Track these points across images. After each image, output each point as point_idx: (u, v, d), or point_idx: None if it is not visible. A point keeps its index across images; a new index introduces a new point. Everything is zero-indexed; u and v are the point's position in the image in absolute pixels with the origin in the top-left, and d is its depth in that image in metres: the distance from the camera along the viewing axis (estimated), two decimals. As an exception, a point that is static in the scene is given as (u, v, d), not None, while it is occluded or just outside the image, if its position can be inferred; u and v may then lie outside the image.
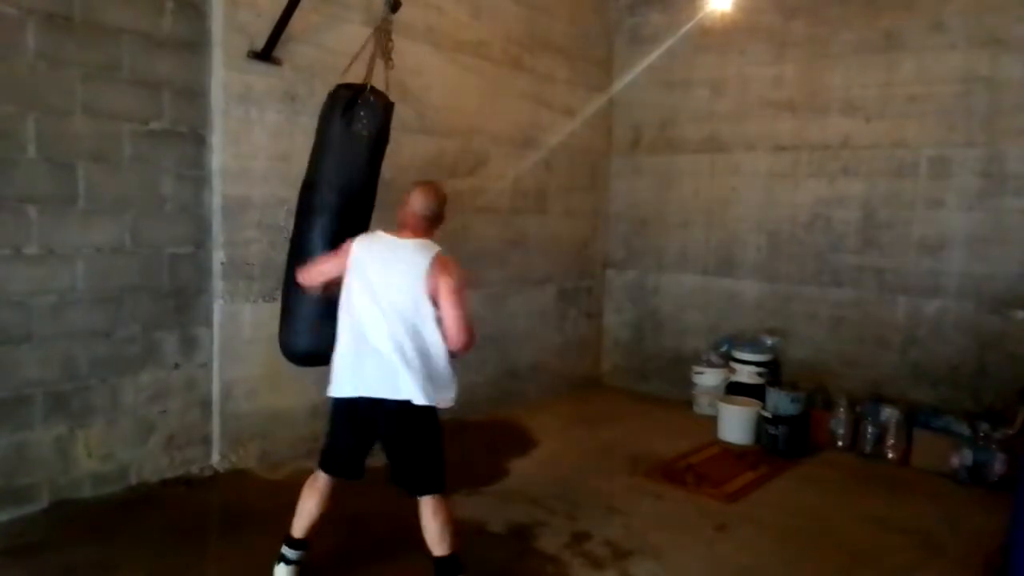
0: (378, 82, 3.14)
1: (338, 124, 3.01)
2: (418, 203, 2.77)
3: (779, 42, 5.38)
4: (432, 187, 2.84)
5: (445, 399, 2.75)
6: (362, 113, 2.94)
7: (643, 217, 6.19)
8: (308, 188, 3.13)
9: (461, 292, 2.71)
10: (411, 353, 2.64)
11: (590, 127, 6.05)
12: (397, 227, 2.79)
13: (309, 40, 4.02)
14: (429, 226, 2.82)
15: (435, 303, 2.67)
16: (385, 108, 3.08)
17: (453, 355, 2.76)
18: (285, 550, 2.87)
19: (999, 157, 4.57)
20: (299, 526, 2.84)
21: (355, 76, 3.18)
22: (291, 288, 3.04)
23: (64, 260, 3.34)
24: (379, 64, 3.14)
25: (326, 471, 2.84)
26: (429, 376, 2.67)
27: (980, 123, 4.63)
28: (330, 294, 2.80)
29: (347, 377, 2.69)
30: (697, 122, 5.83)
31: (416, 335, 2.66)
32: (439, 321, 2.68)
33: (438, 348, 2.70)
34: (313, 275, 2.86)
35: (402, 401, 2.64)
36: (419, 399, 2.63)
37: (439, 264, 2.70)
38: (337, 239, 2.89)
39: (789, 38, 5.34)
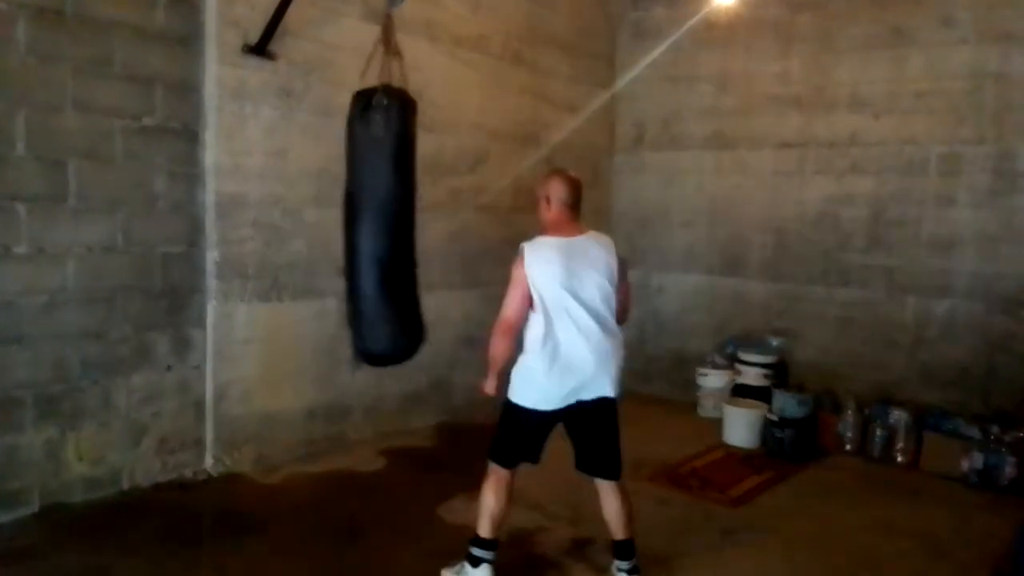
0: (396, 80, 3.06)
1: (357, 129, 2.96)
2: (573, 194, 2.88)
3: (785, 37, 5.30)
4: (568, 175, 2.95)
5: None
6: (377, 116, 2.89)
7: (646, 215, 6.12)
8: (347, 197, 3.04)
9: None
10: (608, 349, 2.78)
11: (592, 123, 5.97)
12: (551, 226, 2.86)
13: (305, 34, 3.96)
14: (579, 214, 2.91)
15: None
16: (402, 107, 2.99)
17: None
18: (482, 552, 2.85)
19: (1010, 154, 4.49)
20: (491, 526, 2.85)
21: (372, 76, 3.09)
22: (355, 292, 2.98)
23: (55, 259, 3.29)
24: (392, 62, 3.06)
25: (511, 467, 2.91)
26: (620, 367, 2.84)
27: (990, 119, 4.54)
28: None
29: (561, 389, 2.76)
30: (702, 118, 5.75)
31: (607, 329, 2.79)
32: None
33: (619, 335, 2.85)
34: (513, 319, 2.81)
35: (604, 397, 2.80)
36: (613, 392, 2.82)
37: (614, 251, 2.87)
38: (382, 240, 2.90)
39: (795, 33, 5.25)
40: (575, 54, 5.76)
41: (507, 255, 5.55)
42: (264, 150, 3.90)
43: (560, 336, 2.74)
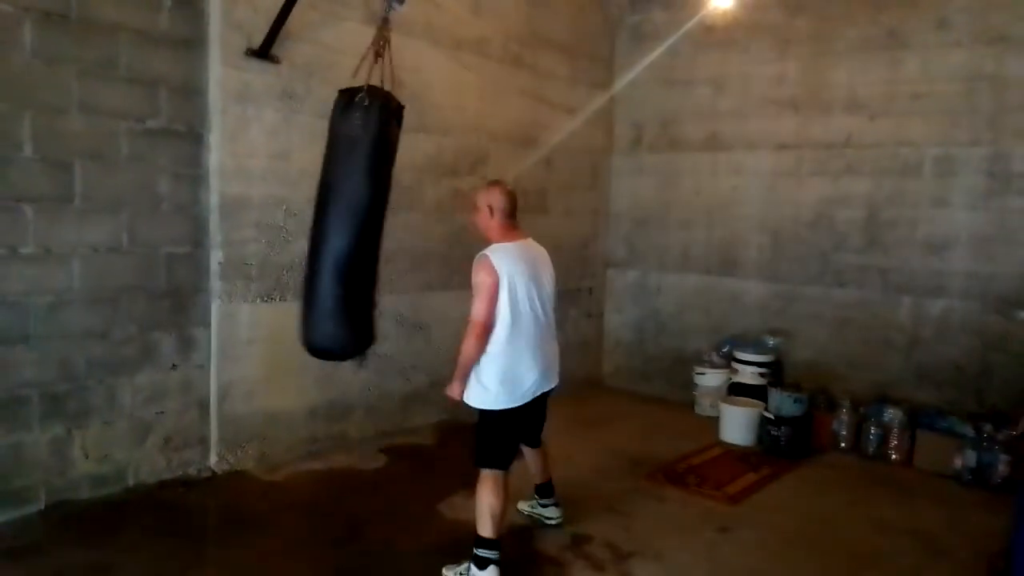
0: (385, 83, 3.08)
1: (337, 127, 2.97)
2: (512, 203, 3.10)
3: (782, 39, 5.34)
4: (507, 186, 3.18)
5: None
6: (357, 114, 2.88)
7: (644, 216, 6.16)
8: (320, 189, 3.07)
9: None
10: (555, 343, 3.23)
11: (591, 125, 6.01)
12: (498, 233, 3.08)
13: (307, 38, 3.99)
14: (517, 222, 3.15)
15: None
16: (383, 108, 2.98)
17: None
18: (488, 552, 2.94)
19: (1004, 156, 4.53)
20: (494, 526, 2.95)
21: (374, 77, 3.11)
22: (312, 285, 2.99)
23: (60, 260, 3.32)
24: (383, 63, 3.07)
25: (506, 468, 3.04)
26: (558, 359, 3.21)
27: (985, 122, 4.58)
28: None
29: (528, 384, 3.03)
30: (699, 120, 5.79)
31: (552, 325, 3.20)
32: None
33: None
34: (487, 323, 2.97)
35: (554, 386, 3.23)
36: (558, 381, 3.24)
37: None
38: (344, 240, 2.89)
39: (792, 35, 5.30)
40: (574, 56, 5.80)
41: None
42: (267, 152, 3.94)
43: (526, 335, 3.00)
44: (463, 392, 3.02)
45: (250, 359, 3.95)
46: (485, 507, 2.94)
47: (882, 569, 3.24)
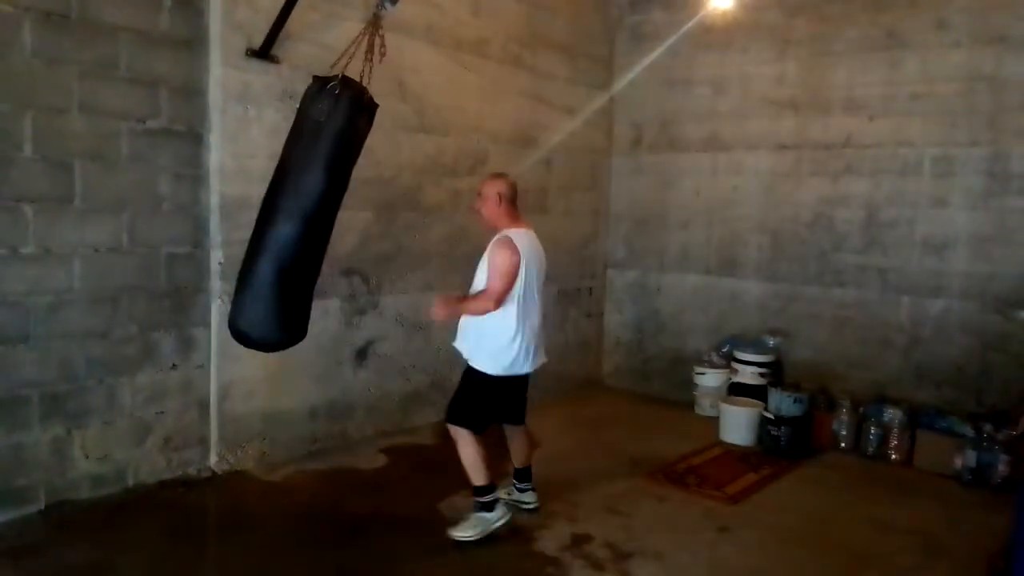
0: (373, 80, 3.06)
1: (304, 112, 2.93)
2: (514, 193, 3.34)
3: (781, 40, 5.35)
4: (509, 177, 3.43)
5: None
6: (325, 102, 2.83)
7: (644, 216, 6.16)
8: (276, 171, 3.02)
9: None
10: (542, 324, 3.42)
11: (591, 126, 6.02)
12: (508, 220, 3.28)
13: (308, 38, 3.99)
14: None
15: None
16: (354, 100, 2.90)
17: None
18: (489, 495, 3.27)
19: (1003, 156, 4.54)
20: (484, 472, 3.27)
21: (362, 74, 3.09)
22: (250, 268, 2.94)
23: (61, 260, 3.32)
24: (372, 60, 3.05)
25: (481, 431, 3.30)
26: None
27: (984, 122, 4.59)
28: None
29: (524, 357, 3.28)
30: (699, 121, 5.80)
31: (543, 307, 3.43)
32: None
33: None
34: (503, 297, 3.18)
35: (543, 362, 3.46)
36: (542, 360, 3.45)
37: None
38: (290, 229, 2.85)
39: (791, 36, 5.30)
40: (574, 57, 5.81)
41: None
42: (267, 152, 3.91)
43: (531, 314, 3.28)
44: (445, 317, 3.30)
45: (250, 359, 3.94)
46: (471, 459, 3.25)
47: (882, 569, 3.24)
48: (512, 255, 3.16)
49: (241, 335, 3.02)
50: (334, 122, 2.86)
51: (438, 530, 3.39)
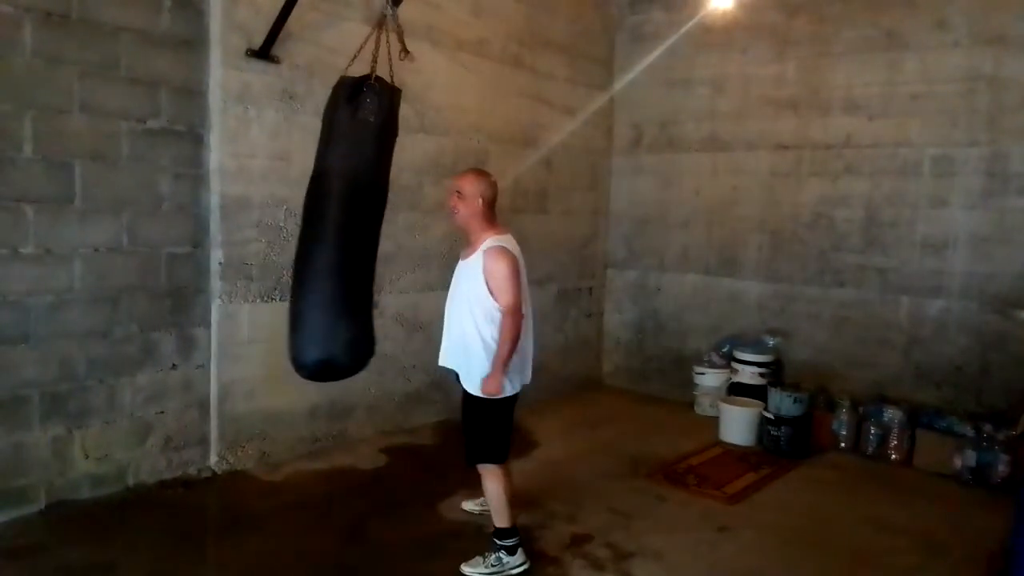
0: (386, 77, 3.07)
1: (344, 112, 2.86)
2: (495, 195, 3.05)
3: (781, 40, 5.35)
4: (491, 176, 3.11)
5: None
6: (368, 100, 2.81)
7: (644, 216, 6.17)
8: (315, 180, 2.91)
9: None
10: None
11: (591, 126, 6.02)
12: (488, 224, 3.00)
13: (308, 38, 4.00)
14: None
15: None
16: (392, 96, 2.92)
17: None
18: (513, 540, 3.05)
19: (1002, 156, 4.54)
20: (510, 514, 3.06)
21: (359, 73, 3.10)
22: (299, 293, 2.84)
23: (61, 260, 3.32)
24: (386, 57, 3.06)
25: (505, 460, 3.10)
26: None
27: (983, 122, 4.60)
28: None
29: (526, 373, 3.09)
30: (698, 121, 5.80)
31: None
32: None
33: None
34: (520, 305, 2.95)
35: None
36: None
37: None
38: (348, 232, 2.77)
39: (791, 36, 5.31)
40: (574, 57, 5.81)
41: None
42: (267, 152, 3.94)
43: (529, 321, 3.07)
44: (499, 383, 2.93)
45: (250, 359, 3.96)
46: (499, 497, 3.01)
47: (881, 568, 3.24)
48: (511, 263, 2.91)
49: (329, 365, 2.81)
50: (377, 116, 2.82)
51: (438, 530, 3.39)
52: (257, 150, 3.89)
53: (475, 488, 3.84)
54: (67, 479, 3.41)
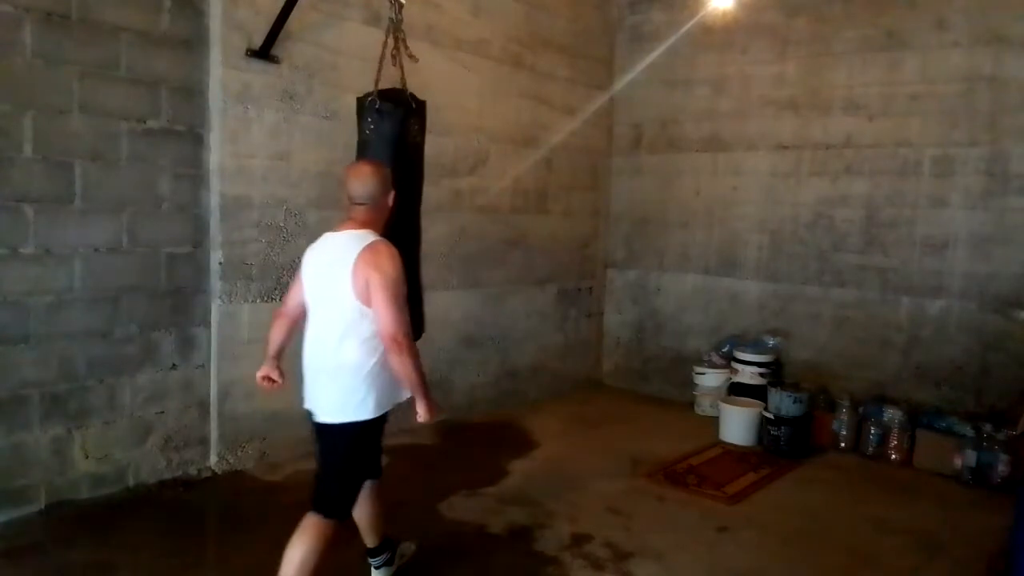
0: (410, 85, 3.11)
1: (359, 131, 2.96)
2: (351, 187, 2.46)
3: (781, 40, 5.35)
4: (363, 166, 2.56)
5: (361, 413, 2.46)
6: (369, 119, 2.86)
7: (644, 216, 6.17)
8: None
9: (396, 287, 2.33)
10: (332, 370, 2.42)
11: (591, 126, 6.02)
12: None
13: (308, 38, 4.00)
14: (371, 213, 2.46)
15: (367, 303, 2.34)
16: (396, 107, 2.90)
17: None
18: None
19: (1003, 156, 4.54)
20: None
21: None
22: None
23: (61, 260, 3.32)
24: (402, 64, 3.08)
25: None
26: (346, 392, 2.42)
27: (984, 122, 4.59)
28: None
29: (305, 393, 2.53)
30: (698, 121, 5.80)
31: (339, 348, 2.39)
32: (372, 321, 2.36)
33: (358, 360, 2.40)
34: (285, 306, 2.62)
35: (325, 423, 2.48)
36: (334, 418, 2.44)
37: (367, 255, 2.33)
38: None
39: (791, 36, 5.30)
40: (574, 57, 5.81)
41: (507, 255, 5.65)
42: (267, 152, 3.94)
43: (309, 335, 2.54)
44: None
45: (250, 359, 3.91)
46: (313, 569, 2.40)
47: (882, 568, 3.24)
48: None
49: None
50: (381, 131, 2.88)
51: (437, 530, 3.39)
52: (257, 150, 3.89)
53: (475, 488, 3.86)
54: (67, 479, 3.41)
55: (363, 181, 2.47)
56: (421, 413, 2.56)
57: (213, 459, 3.89)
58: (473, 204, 5.10)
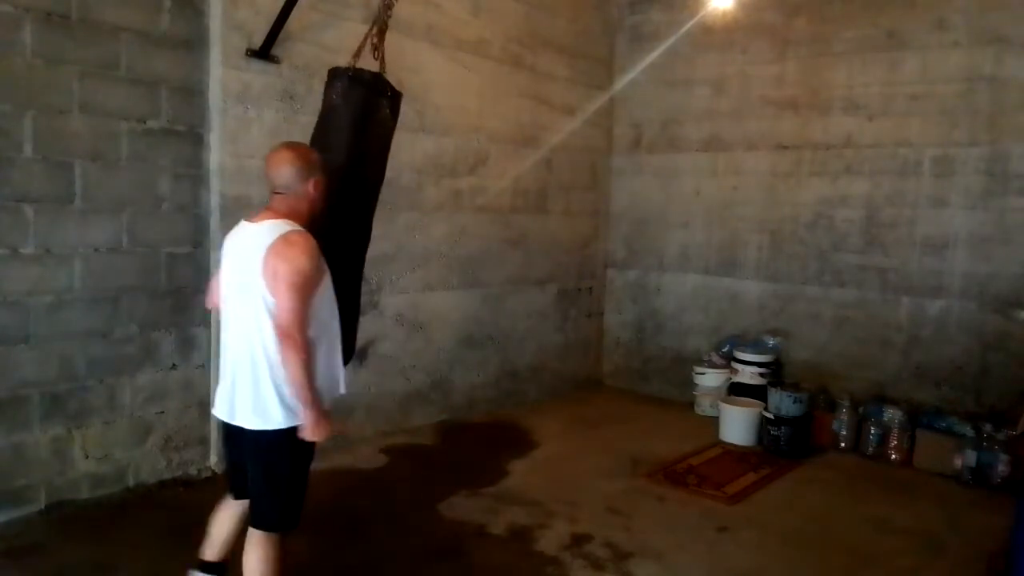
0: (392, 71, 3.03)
1: (325, 99, 2.80)
2: (268, 173, 2.26)
3: (781, 40, 5.35)
4: (281, 150, 2.29)
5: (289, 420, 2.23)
6: (339, 83, 2.72)
7: (644, 216, 6.17)
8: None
9: (302, 280, 2.12)
10: (248, 371, 2.20)
11: (591, 126, 6.02)
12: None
13: (307, 38, 4.00)
14: (290, 202, 2.25)
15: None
16: (369, 82, 2.72)
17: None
18: None
19: (1003, 156, 4.54)
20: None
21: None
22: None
23: (61, 260, 3.32)
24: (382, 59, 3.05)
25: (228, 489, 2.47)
26: (267, 394, 2.20)
27: (983, 122, 4.59)
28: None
29: (217, 394, 2.36)
30: (698, 121, 5.80)
31: (256, 345, 2.19)
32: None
33: (276, 358, 2.17)
34: (214, 294, 2.42)
35: (240, 427, 2.28)
36: (254, 424, 2.23)
37: (278, 245, 2.13)
38: (322, 226, 2.38)
39: (791, 36, 5.31)
40: (574, 57, 5.81)
41: (507, 255, 5.65)
42: (267, 152, 3.93)
43: (223, 331, 2.39)
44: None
45: (250, 359, 3.95)
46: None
47: (882, 568, 3.24)
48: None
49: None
50: (347, 100, 2.65)
51: (437, 530, 3.39)
52: (257, 150, 3.88)
53: (475, 488, 3.86)
54: (67, 479, 3.41)
55: (279, 167, 2.24)
56: (306, 427, 2.22)
57: (213, 459, 3.89)
58: (473, 204, 5.10)
